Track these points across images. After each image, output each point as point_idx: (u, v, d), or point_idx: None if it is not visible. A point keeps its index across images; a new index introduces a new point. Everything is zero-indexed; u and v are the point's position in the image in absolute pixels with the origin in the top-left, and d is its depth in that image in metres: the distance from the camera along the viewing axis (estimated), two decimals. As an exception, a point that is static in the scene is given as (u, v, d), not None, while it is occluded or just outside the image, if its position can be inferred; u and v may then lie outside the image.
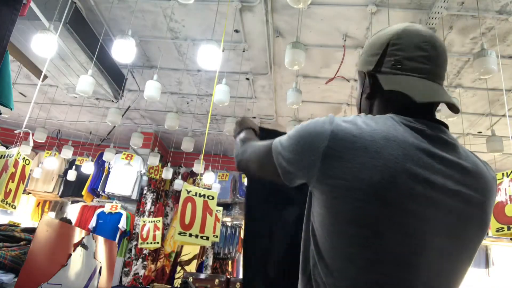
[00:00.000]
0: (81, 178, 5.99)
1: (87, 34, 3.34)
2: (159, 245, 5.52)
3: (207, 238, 3.13)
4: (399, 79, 0.78)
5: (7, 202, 3.00)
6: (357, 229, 0.68)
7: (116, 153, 5.57)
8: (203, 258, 6.51)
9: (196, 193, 3.19)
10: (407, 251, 0.68)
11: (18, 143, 5.82)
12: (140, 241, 5.42)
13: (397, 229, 0.67)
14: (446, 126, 0.82)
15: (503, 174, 2.96)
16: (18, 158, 3.07)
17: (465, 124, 4.78)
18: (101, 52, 3.53)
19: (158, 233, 5.42)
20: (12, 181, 3.00)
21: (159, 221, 5.51)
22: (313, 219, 0.76)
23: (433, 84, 0.79)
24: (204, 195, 3.21)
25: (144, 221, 5.51)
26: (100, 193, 5.99)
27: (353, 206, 0.67)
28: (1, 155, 3.05)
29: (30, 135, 3.87)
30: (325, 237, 0.72)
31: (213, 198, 3.24)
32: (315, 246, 0.74)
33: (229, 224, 6.72)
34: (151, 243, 5.39)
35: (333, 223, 0.70)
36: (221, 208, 5.00)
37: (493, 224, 2.86)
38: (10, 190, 2.99)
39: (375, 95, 0.84)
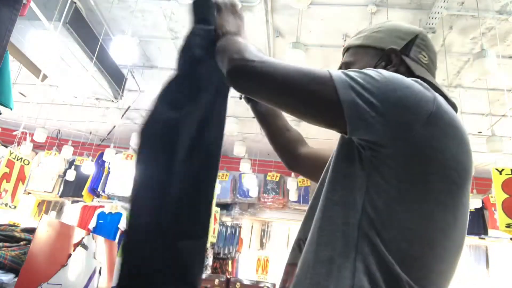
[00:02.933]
0: (81, 178, 6.00)
1: (87, 34, 3.34)
2: None
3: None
4: (425, 73, 0.78)
5: (2, 202, 2.98)
6: (444, 215, 0.62)
7: (116, 153, 5.57)
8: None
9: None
10: (462, 243, 0.68)
11: (16, 143, 5.82)
12: None
13: (463, 221, 0.67)
14: None
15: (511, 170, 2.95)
16: (13, 158, 3.06)
17: (465, 124, 4.78)
18: (101, 52, 3.53)
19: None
20: (8, 181, 2.98)
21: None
22: (374, 194, 0.62)
23: None
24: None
25: None
26: (100, 193, 5.99)
27: (447, 188, 0.62)
28: None
29: (28, 135, 3.87)
30: (398, 218, 0.61)
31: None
32: (373, 227, 0.61)
33: (229, 224, 6.72)
34: None
35: (419, 202, 0.61)
36: (218, 209, 5.01)
37: (503, 219, 2.82)
38: (6, 190, 2.97)
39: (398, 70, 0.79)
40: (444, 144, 0.62)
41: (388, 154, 0.62)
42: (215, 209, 3.97)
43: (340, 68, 0.87)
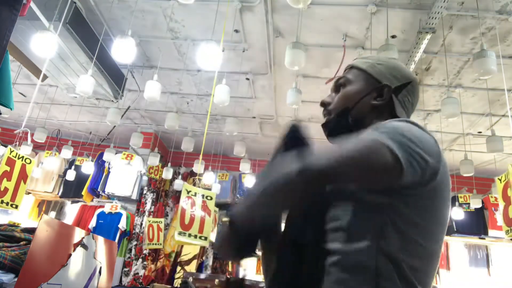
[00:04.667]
0: (81, 178, 5.99)
1: (87, 34, 3.34)
2: (161, 246, 5.61)
3: (205, 239, 3.13)
4: (403, 112, 0.94)
5: (2, 200, 2.91)
6: (443, 230, 0.81)
7: (116, 153, 5.57)
8: (203, 258, 6.51)
9: (195, 193, 3.19)
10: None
11: (17, 142, 5.82)
12: (147, 241, 5.47)
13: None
14: None
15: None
16: (14, 157, 3.01)
17: (465, 124, 4.78)
18: (101, 52, 3.53)
19: (161, 234, 5.50)
20: (8, 180, 2.94)
21: (161, 222, 5.59)
22: (402, 225, 0.76)
23: None
24: (203, 195, 3.21)
25: (149, 221, 5.55)
26: (100, 193, 5.99)
27: (444, 213, 0.81)
28: None
29: (29, 133, 3.86)
30: (413, 238, 0.76)
31: (211, 198, 3.24)
32: (399, 249, 0.75)
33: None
34: (155, 244, 5.49)
35: (429, 226, 0.79)
36: (217, 209, 5.02)
37: (504, 227, 2.83)
38: (7, 188, 2.92)
39: (383, 109, 0.93)
40: (444, 182, 0.80)
41: (416, 194, 0.76)
42: (214, 209, 3.97)
43: (339, 80, 1.02)
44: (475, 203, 5.34)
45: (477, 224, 6.07)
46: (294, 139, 0.89)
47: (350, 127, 0.93)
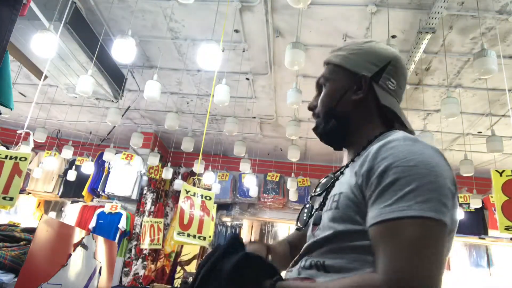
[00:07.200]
0: (81, 178, 5.99)
1: (87, 34, 3.34)
2: (161, 246, 5.63)
3: (204, 239, 3.13)
4: (391, 99, 0.88)
5: None
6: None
7: (116, 153, 5.57)
8: (203, 258, 6.52)
9: (194, 193, 3.19)
10: None
11: (19, 143, 5.82)
12: (148, 242, 5.48)
13: None
14: None
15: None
16: (3, 158, 2.81)
17: (465, 124, 4.78)
18: (101, 52, 3.53)
19: (161, 234, 5.53)
20: None
21: (161, 222, 5.61)
22: None
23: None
24: (202, 195, 3.21)
25: (151, 222, 5.57)
26: (100, 193, 5.99)
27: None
28: None
29: (31, 135, 3.85)
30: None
31: (210, 198, 3.24)
32: None
33: (229, 224, 6.71)
34: (156, 244, 5.50)
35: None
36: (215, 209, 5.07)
37: (503, 221, 2.79)
38: None
39: (367, 102, 0.88)
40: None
41: None
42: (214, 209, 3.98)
43: (319, 80, 0.97)
44: (475, 203, 5.33)
45: (477, 224, 6.07)
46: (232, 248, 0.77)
47: (338, 128, 0.90)
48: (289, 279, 0.79)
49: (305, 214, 0.93)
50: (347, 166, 0.87)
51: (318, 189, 0.93)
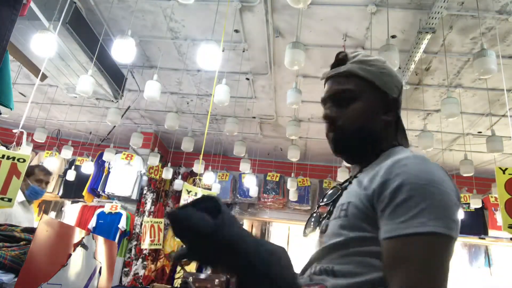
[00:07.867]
0: (81, 178, 5.99)
1: (87, 34, 3.34)
2: (161, 246, 5.63)
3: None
4: (401, 120, 0.96)
5: None
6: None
7: (116, 153, 5.57)
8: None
9: (196, 193, 3.19)
10: None
11: (20, 143, 5.81)
12: (149, 242, 5.48)
13: None
14: None
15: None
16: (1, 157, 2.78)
17: (465, 124, 4.78)
18: (101, 52, 3.53)
19: (161, 234, 5.52)
20: None
21: (161, 222, 5.61)
22: None
23: None
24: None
25: (151, 222, 5.57)
26: (100, 193, 5.99)
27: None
28: None
29: (24, 133, 3.82)
30: None
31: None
32: None
33: (229, 224, 6.70)
34: (156, 244, 5.50)
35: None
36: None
37: (506, 220, 2.78)
38: None
39: (391, 122, 0.93)
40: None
41: None
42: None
43: (343, 92, 0.91)
44: (475, 203, 5.33)
45: (477, 224, 6.07)
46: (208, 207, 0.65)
47: (364, 145, 0.90)
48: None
49: (312, 222, 0.95)
50: (355, 176, 0.90)
51: (325, 199, 0.96)
